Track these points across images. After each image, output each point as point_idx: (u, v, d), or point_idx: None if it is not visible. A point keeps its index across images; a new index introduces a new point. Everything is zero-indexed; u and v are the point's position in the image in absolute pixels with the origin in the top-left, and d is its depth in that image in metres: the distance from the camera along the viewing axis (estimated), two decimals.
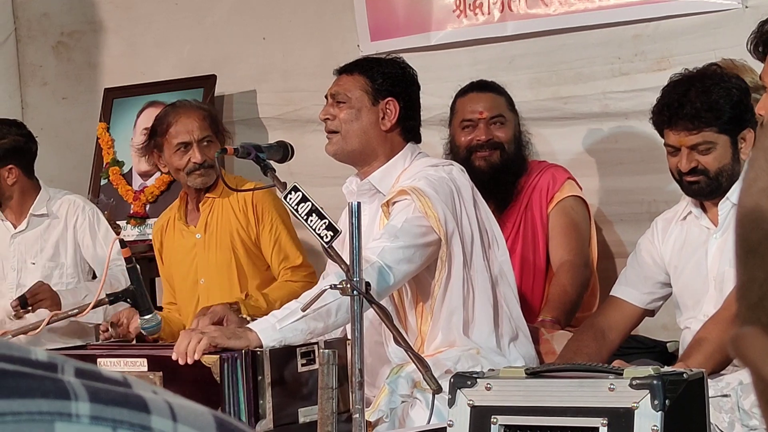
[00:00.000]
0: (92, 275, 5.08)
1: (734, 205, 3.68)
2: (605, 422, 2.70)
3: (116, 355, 3.61)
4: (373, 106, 3.84)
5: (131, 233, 5.67)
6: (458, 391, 2.88)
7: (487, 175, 4.42)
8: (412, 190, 3.65)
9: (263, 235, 4.57)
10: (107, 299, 3.88)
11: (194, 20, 5.89)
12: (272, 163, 3.59)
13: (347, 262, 3.17)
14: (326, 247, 3.28)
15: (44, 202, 5.06)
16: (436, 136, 4.67)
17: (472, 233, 3.74)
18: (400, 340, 3.22)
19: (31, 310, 4.69)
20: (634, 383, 2.70)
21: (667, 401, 2.67)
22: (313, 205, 3.30)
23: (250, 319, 3.74)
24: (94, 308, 3.91)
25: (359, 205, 3.19)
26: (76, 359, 0.71)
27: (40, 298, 4.71)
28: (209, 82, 5.66)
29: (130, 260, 3.80)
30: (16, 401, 0.67)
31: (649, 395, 2.67)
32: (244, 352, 3.35)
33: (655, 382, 2.68)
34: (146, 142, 4.62)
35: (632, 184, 4.73)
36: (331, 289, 3.21)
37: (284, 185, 3.41)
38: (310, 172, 4.97)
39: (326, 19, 5.50)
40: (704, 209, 3.76)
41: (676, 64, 4.34)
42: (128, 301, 3.86)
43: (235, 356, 3.34)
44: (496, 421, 2.82)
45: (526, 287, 4.44)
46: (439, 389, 3.12)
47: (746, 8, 4.44)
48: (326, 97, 3.91)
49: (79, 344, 4.42)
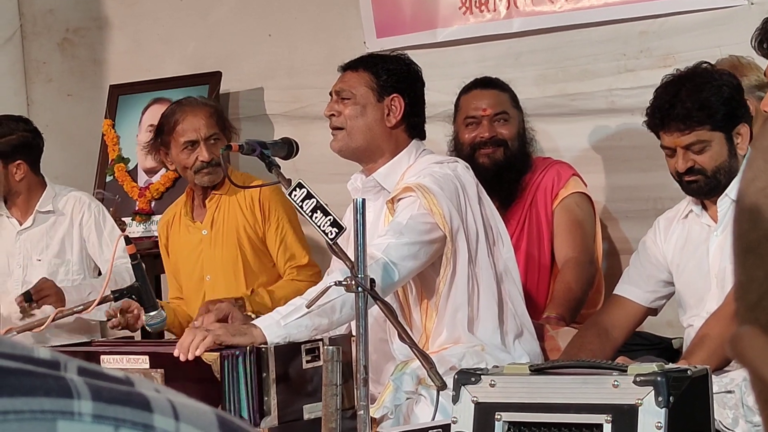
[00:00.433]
0: (98, 272, 5.08)
1: (733, 201, 3.69)
2: (609, 419, 2.70)
3: (118, 352, 3.61)
4: (378, 102, 3.83)
5: (136, 230, 5.67)
6: (462, 387, 2.88)
7: (490, 172, 4.41)
8: (417, 186, 3.65)
9: (269, 233, 4.56)
10: (112, 296, 3.88)
11: (199, 17, 5.89)
12: (277, 159, 3.59)
13: (352, 258, 3.17)
14: (331, 243, 3.28)
15: (50, 198, 5.06)
16: (441, 133, 4.67)
17: (477, 230, 3.73)
18: (404, 336, 3.21)
19: (36, 306, 4.69)
20: (638, 380, 2.70)
21: (671, 398, 2.67)
22: (318, 201, 3.30)
23: (254, 316, 3.74)
24: (99, 305, 3.92)
25: (364, 201, 3.18)
26: (79, 356, 0.72)
27: (44, 294, 4.71)
28: (214, 78, 5.66)
29: (135, 257, 3.80)
30: (18, 399, 0.67)
31: (653, 392, 2.67)
32: (248, 348, 3.35)
33: (659, 378, 2.68)
34: (153, 139, 4.62)
35: (638, 180, 4.72)
36: (335, 285, 3.21)
37: (289, 182, 3.41)
38: (315, 168, 4.97)
39: (332, 15, 5.49)
40: (704, 207, 3.76)
41: (681, 60, 4.33)
42: (133, 297, 3.86)
43: (236, 354, 3.34)
44: (500, 417, 2.82)
45: (531, 284, 4.43)
46: (443, 386, 3.12)
47: (752, 5, 4.43)
48: (331, 93, 3.91)
49: (84, 341, 4.42)
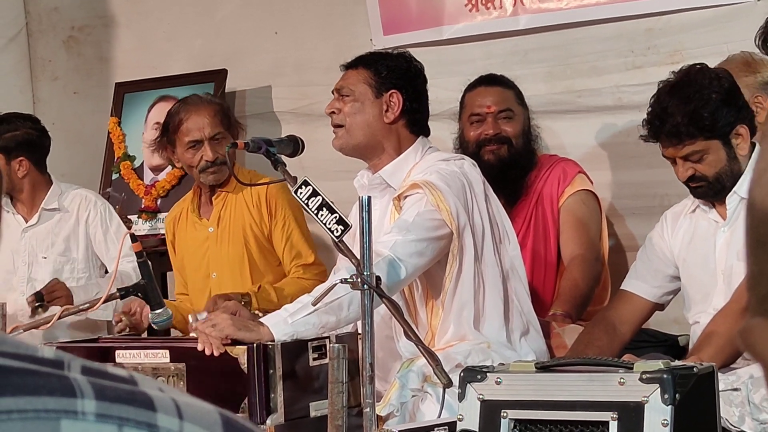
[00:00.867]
0: (104, 271, 5.09)
1: (742, 198, 3.68)
2: (615, 416, 2.70)
3: (136, 347, 3.59)
4: (376, 98, 3.83)
5: (142, 227, 5.67)
6: (468, 385, 2.88)
7: (495, 169, 4.41)
8: (424, 183, 3.65)
9: (276, 231, 4.56)
10: (118, 294, 3.88)
11: (206, 14, 5.89)
12: (283, 157, 3.59)
13: (358, 256, 3.17)
14: (337, 241, 3.28)
15: (56, 196, 5.06)
16: (447, 130, 4.67)
17: (483, 227, 3.73)
18: (410, 334, 3.21)
19: (47, 306, 4.69)
20: (644, 377, 2.70)
21: (677, 395, 2.66)
22: (323, 199, 3.30)
23: (260, 314, 3.74)
24: (105, 303, 3.92)
25: (370, 199, 3.18)
26: (93, 352, 0.72)
27: (56, 295, 4.71)
28: (220, 76, 5.66)
29: (141, 255, 3.80)
30: (22, 399, 0.67)
31: (659, 389, 2.67)
32: (255, 345, 3.35)
33: (665, 376, 2.68)
34: (159, 138, 4.62)
35: (645, 177, 4.72)
36: (341, 283, 3.21)
37: (294, 179, 3.41)
38: (321, 166, 4.97)
39: (339, 13, 5.49)
40: (713, 204, 3.75)
41: (688, 57, 4.33)
42: (139, 295, 3.86)
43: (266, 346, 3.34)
44: (506, 415, 2.82)
45: (537, 281, 4.43)
46: (449, 383, 3.12)
47: (758, 1, 4.43)
48: (333, 92, 3.92)
49: (91, 338, 4.42)
